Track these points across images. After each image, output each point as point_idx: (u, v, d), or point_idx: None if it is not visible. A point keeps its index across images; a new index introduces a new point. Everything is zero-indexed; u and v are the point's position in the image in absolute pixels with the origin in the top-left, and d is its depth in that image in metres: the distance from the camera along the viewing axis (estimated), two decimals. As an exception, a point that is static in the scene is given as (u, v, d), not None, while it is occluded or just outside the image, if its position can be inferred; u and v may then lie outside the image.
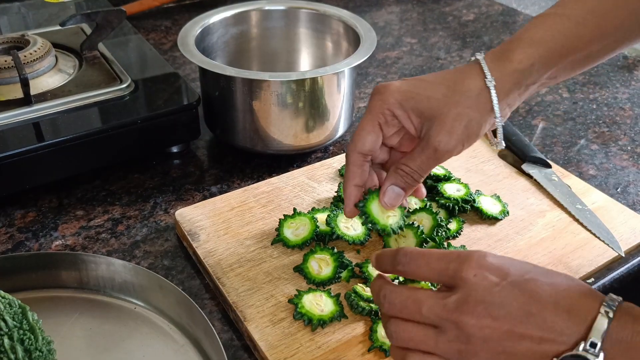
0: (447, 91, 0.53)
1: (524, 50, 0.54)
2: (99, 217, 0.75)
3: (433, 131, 0.53)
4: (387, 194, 0.56)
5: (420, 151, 0.54)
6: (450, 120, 0.53)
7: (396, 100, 0.54)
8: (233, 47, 0.93)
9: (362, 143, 0.55)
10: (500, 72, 0.54)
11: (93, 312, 0.60)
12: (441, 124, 0.53)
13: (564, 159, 0.87)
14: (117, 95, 0.81)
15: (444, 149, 0.53)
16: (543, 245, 0.68)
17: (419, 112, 0.54)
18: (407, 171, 0.55)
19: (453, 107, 0.53)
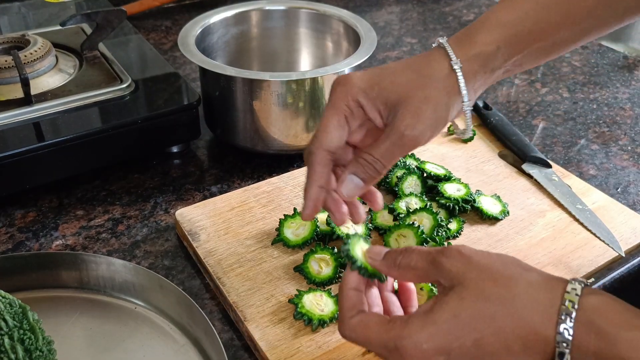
0: (412, 75, 0.51)
1: (489, 32, 0.52)
2: (99, 217, 0.75)
3: (399, 116, 0.50)
4: (345, 184, 0.52)
5: (386, 138, 0.50)
6: (417, 103, 0.50)
7: (360, 89, 0.51)
8: (233, 47, 0.93)
9: (330, 139, 0.51)
10: (466, 55, 0.52)
11: (93, 312, 0.60)
12: (407, 107, 0.50)
13: (564, 158, 0.87)
14: (118, 95, 0.81)
15: (411, 134, 0.50)
16: (543, 245, 0.68)
17: (384, 98, 0.51)
18: (370, 160, 0.51)
19: (420, 90, 0.50)
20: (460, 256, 0.44)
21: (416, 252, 0.46)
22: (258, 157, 0.85)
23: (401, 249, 0.48)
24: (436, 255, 0.45)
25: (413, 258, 0.46)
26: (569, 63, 1.14)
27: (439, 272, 0.44)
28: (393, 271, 0.48)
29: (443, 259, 0.44)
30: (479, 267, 0.43)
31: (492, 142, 0.87)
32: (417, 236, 0.66)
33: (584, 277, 0.65)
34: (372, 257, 0.49)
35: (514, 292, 0.41)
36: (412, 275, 0.47)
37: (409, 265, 0.46)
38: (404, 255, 0.47)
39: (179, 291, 0.57)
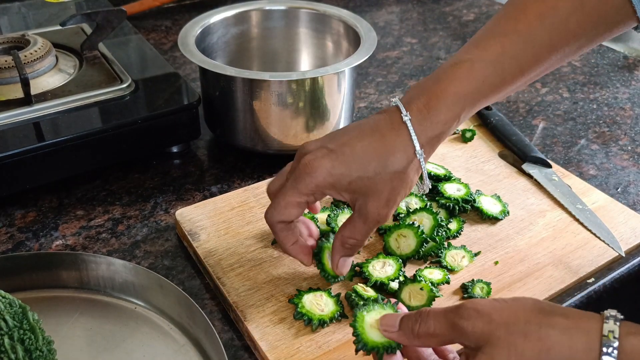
0: (378, 168, 0.53)
1: (450, 109, 0.53)
2: (100, 217, 0.75)
3: (371, 206, 0.54)
4: (340, 266, 0.58)
5: (363, 223, 0.55)
6: (387, 195, 0.54)
7: (328, 183, 0.53)
8: (233, 47, 0.93)
9: (286, 215, 0.56)
10: (426, 137, 0.54)
11: (93, 312, 0.60)
12: (378, 200, 0.54)
13: (564, 158, 0.87)
14: (118, 95, 0.81)
15: (386, 219, 0.55)
16: (543, 245, 0.68)
17: (351, 191, 0.54)
18: (354, 243, 0.57)
19: (388, 183, 0.53)
20: (479, 315, 0.42)
21: (432, 316, 0.44)
22: (258, 157, 0.85)
23: (415, 314, 0.46)
24: (454, 318, 0.43)
25: (431, 325, 0.44)
26: (569, 63, 1.14)
27: (462, 336, 0.42)
28: (414, 341, 0.45)
29: (463, 323, 0.42)
30: (504, 324, 0.41)
31: (492, 142, 0.87)
32: (417, 236, 0.66)
33: (584, 277, 0.65)
34: (387, 330, 0.47)
35: (548, 345, 0.39)
36: (435, 342, 0.45)
37: (428, 332, 0.44)
38: (420, 322, 0.45)
39: (179, 291, 0.57)
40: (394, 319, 0.47)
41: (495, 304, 0.42)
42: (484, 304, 0.42)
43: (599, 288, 0.65)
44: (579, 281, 0.64)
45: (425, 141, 0.54)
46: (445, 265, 0.65)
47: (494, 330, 0.41)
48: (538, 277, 0.64)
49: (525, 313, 0.41)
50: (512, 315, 0.41)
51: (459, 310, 0.43)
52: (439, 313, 0.44)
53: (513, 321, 0.41)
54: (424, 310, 0.45)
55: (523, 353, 0.40)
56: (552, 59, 0.55)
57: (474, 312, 0.42)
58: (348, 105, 0.84)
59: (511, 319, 0.41)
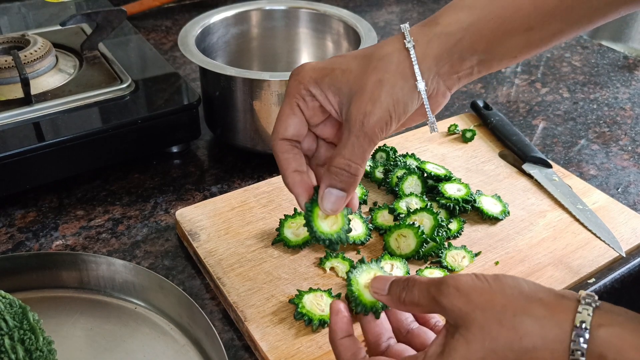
0: (363, 61, 0.49)
1: (453, 13, 0.49)
2: (100, 217, 0.75)
3: (353, 105, 0.48)
4: (325, 199, 0.50)
5: (348, 135, 0.48)
6: (370, 88, 0.47)
7: (312, 78, 0.49)
8: (233, 47, 0.93)
9: (284, 128, 0.51)
10: (425, 35, 0.49)
11: (93, 312, 0.60)
12: (361, 95, 0.47)
13: (564, 159, 0.87)
14: (118, 95, 0.81)
15: (371, 122, 0.47)
16: (544, 245, 0.68)
17: (336, 89, 0.49)
18: (341, 164, 0.49)
19: (371, 74, 0.48)
20: (459, 294, 0.42)
21: (417, 286, 0.45)
22: (258, 157, 0.85)
23: (403, 280, 0.46)
24: (435, 292, 0.43)
25: (415, 295, 0.45)
26: (569, 63, 1.14)
27: (441, 311, 0.43)
28: (400, 307, 0.47)
29: (442, 299, 0.42)
30: (480, 306, 0.41)
31: (493, 142, 0.87)
32: (417, 236, 0.66)
33: (585, 277, 0.65)
34: (377, 292, 0.48)
35: (520, 333, 0.40)
36: (419, 310, 0.45)
37: (413, 301, 0.45)
38: (407, 290, 0.45)
39: (179, 291, 0.57)
40: (384, 283, 0.48)
41: (476, 284, 0.42)
42: (465, 282, 0.42)
43: (600, 288, 0.65)
44: (580, 281, 0.64)
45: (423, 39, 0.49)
46: (446, 266, 0.65)
47: (470, 312, 0.41)
48: (538, 278, 0.64)
49: (504, 297, 0.41)
50: (490, 299, 0.41)
51: (440, 286, 0.43)
52: (422, 284, 0.44)
53: (490, 306, 0.41)
54: (411, 278, 0.46)
55: (497, 339, 0.40)
56: None
57: (454, 289, 0.42)
58: (348, 105, 0.84)
59: (488, 303, 0.41)
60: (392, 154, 0.80)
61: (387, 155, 0.80)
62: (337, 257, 0.65)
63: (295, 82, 0.50)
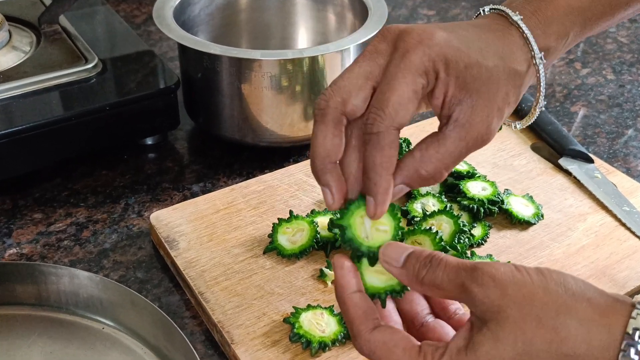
0: (497, 60, 0.48)
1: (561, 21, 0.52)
2: (61, 221, 0.75)
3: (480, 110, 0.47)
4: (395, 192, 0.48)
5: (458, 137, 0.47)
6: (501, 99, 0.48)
7: (444, 56, 0.46)
8: (218, 20, 0.93)
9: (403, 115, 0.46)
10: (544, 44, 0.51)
11: (54, 333, 0.60)
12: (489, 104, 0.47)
13: (608, 152, 0.86)
14: (82, 77, 0.81)
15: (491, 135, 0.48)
16: (584, 254, 0.68)
17: (463, 81, 0.46)
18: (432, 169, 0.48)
19: (504, 82, 0.48)
20: (495, 285, 0.41)
21: (442, 267, 0.43)
22: (247, 151, 0.85)
23: (425, 256, 0.44)
24: (466, 280, 0.42)
25: (439, 276, 0.43)
26: (615, 39, 1.14)
27: (469, 301, 0.42)
28: (415, 285, 0.45)
29: (475, 288, 0.42)
30: (518, 301, 0.41)
31: (524, 132, 0.86)
32: (434, 244, 0.65)
33: (632, 291, 0.65)
34: (388, 262, 0.45)
35: (562, 336, 0.40)
36: (438, 294, 0.44)
37: (434, 283, 0.43)
38: (428, 269, 0.44)
39: (155, 308, 0.57)
40: (400, 252, 0.45)
41: (515, 276, 0.42)
42: (504, 272, 0.42)
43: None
44: (626, 297, 0.64)
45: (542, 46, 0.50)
46: (468, 278, 0.65)
47: (505, 307, 0.41)
48: (577, 292, 0.64)
49: (546, 294, 0.41)
50: (530, 295, 0.41)
51: (473, 273, 0.42)
52: (451, 266, 0.43)
53: (529, 302, 0.40)
54: (437, 255, 0.44)
55: (532, 341, 0.40)
56: None
57: (490, 279, 0.41)
58: (354, 89, 0.84)
59: (527, 299, 0.41)
60: (406, 146, 0.80)
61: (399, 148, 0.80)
62: None
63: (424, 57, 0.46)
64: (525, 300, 0.41)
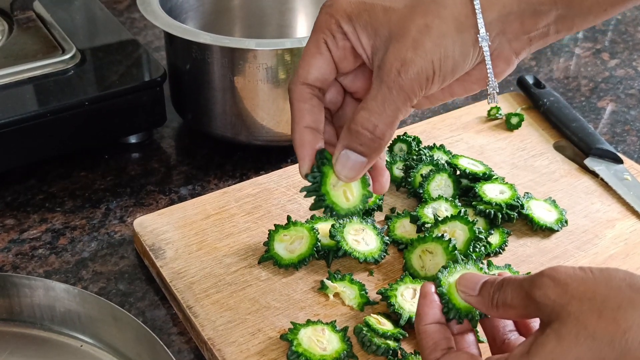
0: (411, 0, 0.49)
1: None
2: (35, 228, 0.75)
3: (391, 51, 0.48)
4: (339, 162, 0.51)
5: (378, 86, 0.49)
6: (414, 33, 0.48)
7: (345, 12, 0.50)
8: (209, 6, 0.93)
9: (306, 70, 0.52)
10: None
11: (27, 351, 0.60)
12: (402, 39, 0.48)
13: (639, 152, 0.86)
14: (59, 68, 0.81)
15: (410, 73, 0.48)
16: (612, 263, 0.68)
17: (373, 29, 0.50)
18: (365, 123, 0.49)
19: (418, 17, 0.48)
20: (554, 284, 0.45)
21: (510, 285, 0.48)
22: (241, 150, 0.85)
23: (498, 281, 0.49)
24: (528, 287, 0.46)
25: (508, 294, 0.48)
26: (646, 27, 1.14)
27: (535, 308, 0.46)
28: (492, 311, 0.50)
29: (535, 292, 0.46)
30: (578, 296, 0.44)
31: (546, 130, 0.86)
32: (447, 253, 0.66)
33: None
34: (465, 291, 0.51)
35: (624, 327, 0.42)
36: (512, 314, 0.49)
37: (506, 302, 0.48)
38: (500, 290, 0.49)
39: (138, 324, 0.57)
40: (475, 281, 0.51)
41: (577, 273, 0.45)
42: (565, 272, 0.45)
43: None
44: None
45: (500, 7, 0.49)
46: (485, 291, 0.65)
47: (566, 303, 0.44)
48: (605, 306, 0.64)
49: (608, 288, 0.43)
50: (591, 290, 0.44)
51: (534, 279, 0.46)
52: (515, 281, 0.48)
53: (590, 296, 0.43)
54: (506, 278, 0.49)
55: (594, 334, 0.42)
56: None
57: (550, 280, 0.45)
58: (358, 82, 0.84)
59: (588, 293, 0.43)
60: (416, 145, 0.80)
61: (408, 147, 0.80)
62: (343, 279, 0.65)
63: (326, 15, 0.52)
64: (587, 295, 0.43)
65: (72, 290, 0.61)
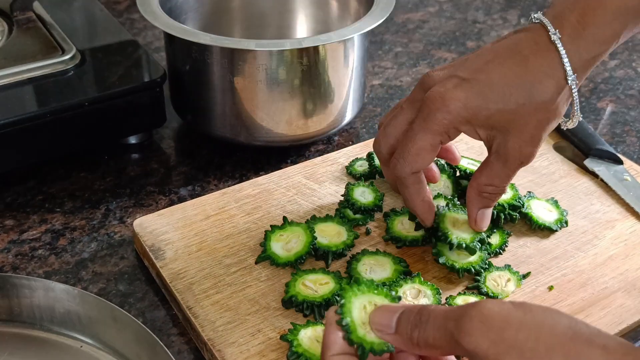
0: (521, 99, 0.57)
1: (610, 24, 0.56)
2: (35, 228, 0.75)
3: (512, 144, 0.59)
4: (479, 220, 0.65)
5: (502, 165, 0.61)
6: (531, 130, 0.59)
7: (463, 118, 0.58)
8: (208, 7, 0.93)
9: (421, 163, 0.61)
10: (580, 59, 0.58)
11: (27, 352, 0.60)
12: (520, 136, 0.59)
13: (639, 152, 0.86)
14: (58, 69, 0.81)
15: (530, 159, 0.60)
16: (612, 265, 0.68)
17: (489, 127, 0.59)
18: (492, 191, 0.63)
19: (532, 115, 0.58)
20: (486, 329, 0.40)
21: (431, 321, 0.43)
22: (240, 151, 0.85)
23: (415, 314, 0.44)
24: (454, 330, 0.41)
25: (429, 333, 0.43)
26: (646, 28, 1.14)
27: (465, 352, 0.41)
28: (413, 349, 0.45)
29: (463, 338, 0.41)
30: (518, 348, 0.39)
31: (546, 130, 0.87)
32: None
33: (665, 306, 0.65)
34: (381, 330, 0.45)
35: None
36: (437, 353, 0.44)
37: (427, 342, 0.43)
38: (418, 327, 0.44)
39: (138, 325, 0.57)
40: (390, 317, 0.45)
41: (512, 315, 0.40)
42: (497, 312, 0.41)
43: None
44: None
45: (578, 65, 0.58)
46: (486, 292, 0.65)
47: (502, 353, 0.39)
48: (605, 307, 0.64)
49: (552, 336, 0.39)
50: (532, 337, 0.39)
51: (461, 321, 0.41)
52: (437, 319, 0.43)
53: (531, 346, 0.39)
54: (425, 310, 0.44)
55: None
56: None
57: (480, 324, 0.40)
58: (358, 83, 0.84)
59: (529, 342, 0.39)
60: None
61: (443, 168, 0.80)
62: None
63: (444, 119, 0.59)
64: (527, 344, 0.39)
65: (71, 291, 0.61)
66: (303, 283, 0.63)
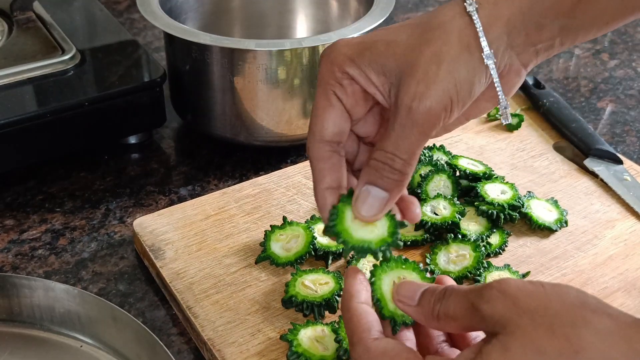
0: (413, 30, 0.49)
1: None
2: (35, 228, 0.75)
3: (403, 85, 0.48)
4: (360, 199, 0.49)
5: (393, 121, 0.48)
6: (424, 64, 0.47)
7: (346, 56, 0.50)
8: (208, 7, 0.93)
9: (321, 126, 0.50)
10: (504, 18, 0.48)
11: (27, 352, 0.60)
12: (412, 72, 0.47)
13: (639, 152, 0.87)
14: (58, 69, 0.81)
15: (423, 106, 0.47)
16: (612, 264, 0.68)
17: (380, 67, 0.49)
18: (383, 157, 0.49)
19: (425, 46, 0.48)
20: (504, 297, 0.43)
21: (453, 295, 0.46)
22: (240, 151, 0.85)
23: (440, 290, 0.47)
24: (474, 299, 0.44)
25: (450, 305, 0.45)
26: (646, 28, 1.14)
27: (480, 321, 0.44)
28: (432, 322, 0.47)
29: (482, 305, 0.43)
30: (529, 311, 0.42)
31: (546, 130, 0.87)
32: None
33: (665, 306, 0.65)
34: (404, 302, 0.48)
35: (576, 347, 0.40)
36: (454, 326, 0.46)
37: (448, 314, 0.45)
38: (441, 301, 0.46)
39: (138, 324, 0.58)
40: (415, 290, 0.48)
41: (527, 287, 0.43)
42: (514, 285, 0.43)
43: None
44: (659, 312, 0.65)
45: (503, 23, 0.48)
46: (484, 291, 0.65)
47: (515, 316, 0.42)
48: (605, 307, 0.64)
49: (561, 304, 0.42)
50: (543, 304, 0.42)
51: (482, 291, 0.44)
52: (460, 292, 0.45)
53: (542, 311, 0.42)
54: (449, 287, 0.46)
55: (544, 351, 0.40)
56: None
57: (498, 293, 0.43)
58: (358, 83, 0.84)
59: (540, 308, 0.42)
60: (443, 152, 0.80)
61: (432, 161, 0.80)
62: None
63: (327, 65, 0.51)
64: (538, 310, 0.42)
65: (71, 291, 0.61)
66: (303, 283, 0.63)
